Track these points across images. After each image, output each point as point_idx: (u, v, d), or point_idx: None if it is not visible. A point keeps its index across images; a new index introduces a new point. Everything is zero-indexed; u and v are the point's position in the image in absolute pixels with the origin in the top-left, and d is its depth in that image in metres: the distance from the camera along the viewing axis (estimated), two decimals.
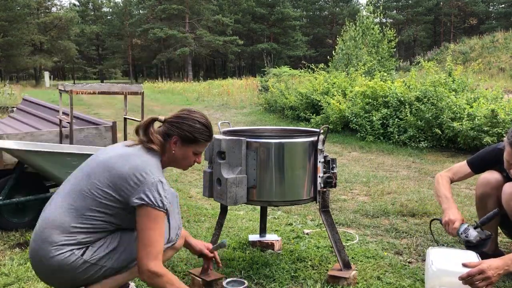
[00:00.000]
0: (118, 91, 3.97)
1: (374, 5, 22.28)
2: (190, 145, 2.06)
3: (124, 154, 1.96)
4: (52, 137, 3.84)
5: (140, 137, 2.05)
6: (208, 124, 2.11)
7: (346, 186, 5.06)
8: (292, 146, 2.54)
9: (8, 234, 3.42)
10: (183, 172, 5.90)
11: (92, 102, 19.06)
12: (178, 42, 50.99)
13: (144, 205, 1.84)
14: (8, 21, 43.37)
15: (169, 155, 2.06)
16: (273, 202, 2.62)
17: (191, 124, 2.05)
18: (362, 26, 16.39)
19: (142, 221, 1.85)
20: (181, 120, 2.05)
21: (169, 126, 2.05)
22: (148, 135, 2.03)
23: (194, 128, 2.05)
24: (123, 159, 1.92)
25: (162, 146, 2.04)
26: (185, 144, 2.05)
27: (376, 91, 8.89)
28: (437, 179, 2.88)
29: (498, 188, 2.66)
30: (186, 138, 2.04)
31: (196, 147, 2.08)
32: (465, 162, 2.89)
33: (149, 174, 1.88)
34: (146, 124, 2.05)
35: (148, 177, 1.87)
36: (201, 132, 2.07)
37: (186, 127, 2.04)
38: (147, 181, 1.86)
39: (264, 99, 14.10)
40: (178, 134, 2.04)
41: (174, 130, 2.04)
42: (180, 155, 2.07)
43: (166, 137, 2.05)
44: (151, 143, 2.01)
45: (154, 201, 1.84)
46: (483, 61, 25.14)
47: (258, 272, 2.73)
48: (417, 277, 2.69)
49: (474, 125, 6.86)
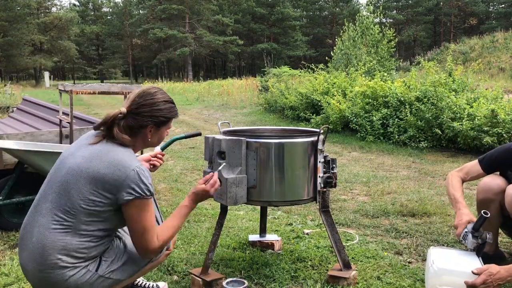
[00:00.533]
0: (118, 91, 3.97)
1: (374, 5, 22.29)
2: (164, 126, 2.02)
3: (93, 154, 1.85)
4: (52, 137, 3.84)
5: (104, 132, 1.93)
6: (171, 99, 2.05)
7: (346, 186, 5.06)
8: (292, 146, 2.54)
9: (8, 234, 3.42)
10: (183, 172, 5.90)
11: (92, 102, 19.08)
12: (178, 42, 51.01)
13: (132, 199, 1.80)
14: (8, 21, 43.42)
15: (144, 143, 1.99)
16: (273, 202, 2.62)
17: (160, 107, 1.96)
18: (361, 26, 16.38)
19: (134, 213, 1.83)
20: (149, 107, 1.94)
21: (138, 118, 1.92)
22: (114, 136, 1.89)
23: (165, 110, 1.98)
24: (96, 160, 1.83)
25: (132, 138, 1.93)
26: (160, 128, 2.00)
27: (376, 91, 8.89)
28: (448, 179, 2.81)
29: (499, 193, 2.63)
30: (160, 122, 1.98)
31: (169, 124, 2.04)
32: (477, 161, 2.80)
33: (127, 166, 1.81)
34: (109, 124, 1.90)
35: (127, 170, 1.80)
36: (171, 110, 2.02)
37: (158, 113, 1.96)
38: (128, 174, 1.80)
39: (264, 99, 14.10)
40: (152, 122, 1.95)
41: (146, 120, 1.93)
42: (155, 140, 2.03)
43: (137, 129, 1.93)
44: (117, 137, 1.90)
45: (142, 192, 1.81)
46: (483, 61, 25.14)
47: (258, 272, 2.73)
48: (417, 277, 2.69)
49: (474, 125, 6.86)
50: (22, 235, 1.89)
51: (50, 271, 1.79)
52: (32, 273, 1.83)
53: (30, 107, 5.33)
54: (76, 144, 1.98)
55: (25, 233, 1.87)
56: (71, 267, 1.80)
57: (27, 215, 1.91)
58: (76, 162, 1.85)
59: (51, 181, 1.90)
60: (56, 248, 1.78)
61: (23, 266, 1.87)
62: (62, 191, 1.83)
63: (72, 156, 1.89)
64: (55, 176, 1.90)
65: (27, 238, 1.85)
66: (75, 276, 1.81)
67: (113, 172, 1.80)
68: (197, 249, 3.12)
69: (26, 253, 1.84)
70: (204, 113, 14.75)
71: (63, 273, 1.79)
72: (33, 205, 1.91)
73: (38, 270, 1.80)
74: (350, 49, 15.59)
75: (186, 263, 2.88)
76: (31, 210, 1.91)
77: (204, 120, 12.75)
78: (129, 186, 1.79)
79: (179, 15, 52.12)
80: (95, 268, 1.85)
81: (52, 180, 1.90)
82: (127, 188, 1.79)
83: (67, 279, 1.80)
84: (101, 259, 1.88)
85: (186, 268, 2.79)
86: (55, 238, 1.79)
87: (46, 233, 1.80)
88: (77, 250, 1.80)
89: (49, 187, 1.89)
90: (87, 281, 1.83)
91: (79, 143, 1.96)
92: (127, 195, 1.79)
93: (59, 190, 1.84)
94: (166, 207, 4.23)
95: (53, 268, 1.79)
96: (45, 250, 1.78)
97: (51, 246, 1.78)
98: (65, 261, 1.79)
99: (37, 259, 1.80)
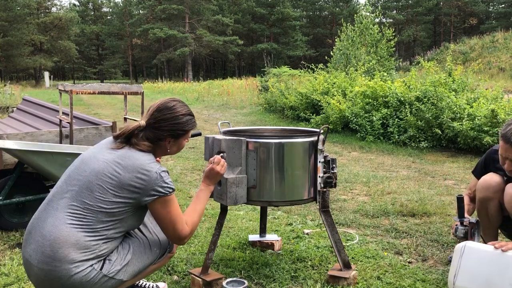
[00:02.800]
0: (118, 91, 3.97)
1: (373, 5, 22.28)
2: (183, 136, 2.10)
3: (117, 159, 1.91)
4: (52, 137, 3.84)
5: (123, 142, 2.00)
6: (190, 111, 2.12)
7: (346, 186, 5.06)
8: (292, 146, 2.54)
9: (8, 234, 3.42)
10: (183, 172, 5.90)
11: (92, 102, 19.07)
12: (178, 42, 51.00)
13: (156, 198, 1.91)
14: (8, 21, 43.40)
15: (163, 152, 2.09)
16: (273, 202, 2.62)
17: (178, 122, 2.04)
18: (360, 27, 16.36)
19: (159, 211, 1.95)
20: (167, 122, 2.02)
21: (156, 131, 2.01)
22: (134, 142, 1.97)
23: (182, 123, 2.06)
24: (120, 165, 1.89)
25: (151, 149, 2.02)
26: (178, 139, 2.09)
27: (376, 91, 8.89)
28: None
29: (499, 191, 2.64)
30: (178, 135, 2.07)
31: (187, 134, 2.13)
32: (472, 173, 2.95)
33: (150, 170, 1.90)
34: (128, 135, 1.99)
35: (150, 173, 1.90)
36: (189, 123, 2.10)
37: (175, 126, 2.04)
38: (152, 177, 1.89)
39: (264, 99, 14.09)
40: (169, 135, 2.04)
41: (164, 133, 2.02)
42: (175, 149, 2.12)
43: (156, 141, 2.02)
44: (137, 146, 1.98)
45: (165, 191, 1.92)
46: (483, 61, 25.15)
47: (258, 272, 2.73)
48: (417, 277, 2.69)
49: (474, 125, 6.86)
50: (30, 229, 1.92)
51: (58, 265, 1.80)
52: (37, 267, 1.83)
53: (30, 107, 5.33)
54: (97, 148, 2.04)
55: (35, 227, 1.90)
56: (78, 264, 1.81)
57: (38, 211, 1.95)
58: (100, 165, 1.91)
59: (70, 179, 1.94)
60: (68, 242, 1.81)
61: (27, 260, 1.87)
62: (84, 190, 1.87)
63: (96, 159, 1.95)
64: (75, 174, 1.94)
65: (36, 231, 1.87)
66: (81, 273, 1.82)
67: (137, 176, 1.89)
68: (197, 249, 3.13)
69: (34, 246, 1.85)
70: (204, 113, 14.74)
71: (70, 268, 1.80)
72: (46, 201, 1.95)
73: (45, 263, 1.81)
74: (349, 49, 15.57)
75: (186, 263, 2.89)
76: (43, 206, 1.95)
77: (204, 120, 12.75)
78: (152, 189, 1.90)
79: (179, 15, 52.10)
80: (100, 267, 1.87)
81: (71, 178, 1.94)
82: (151, 191, 1.90)
83: (73, 275, 1.81)
84: (105, 259, 1.90)
85: (186, 268, 2.79)
86: (70, 232, 1.82)
87: (60, 227, 1.83)
88: (88, 247, 1.83)
89: (67, 184, 1.93)
90: (91, 280, 1.84)
91: (100, 147, 2.04)
92: (150, 197, 1.90)
93: (80, 188, 1.88)
94: None
95: (61, 262, 1.80)
96: (57, 242, 1.81)
97: (64, 240, 1.81)
98: (74, 256, 1.80)
99: (46, 251, 1.81)
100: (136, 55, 62.12)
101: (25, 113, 5.22)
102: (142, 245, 2.04)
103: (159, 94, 25.07)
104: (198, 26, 52.11)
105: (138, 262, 2.01)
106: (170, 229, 1.99)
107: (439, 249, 3.17)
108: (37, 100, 5.45)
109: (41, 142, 3.58)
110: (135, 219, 1.96)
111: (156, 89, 29.29)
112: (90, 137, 3.86)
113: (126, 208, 1.89)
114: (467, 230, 2.51)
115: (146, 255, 2.04)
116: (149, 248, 2.07)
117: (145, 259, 2.04)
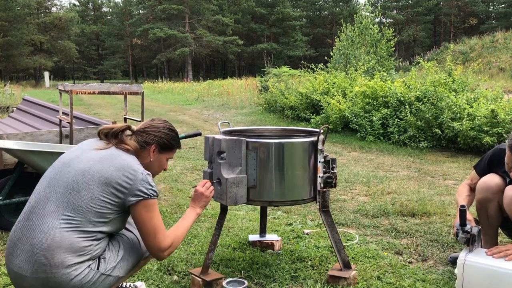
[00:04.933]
0: (118, 91, 3.97)
1: (373, 5, 22.27)
2: (166, 152, 2.17)
3: (103, 158, 1.93)
4: (52, 137, 3.84)
5: (110, 140, 2.04)
6: (176, 131, 2.25)
7: (346, 186, 5.06)
8: (292, 146, 2.54)
9: (8, 234, 3.41)
10: (183, 172, 5.90)
11: (92, 102, 19.08)
12: (178, 42, 51.00)
13: (140, 200, 1.91)
14: (8, 21, 43.38)
15: (145, 162, 2.09)
16: (273, 202, 2.62)
17: (167, 132, 2.15)
18: (360, 26, 16.36)
19: (142, 214, 1.93)
20: (157, 128, 2.13)
21: (145, 135, 2.10)
22: (122, 140, 2.03)
23: (170, 136, 2.17)
24: (107, 164, 1.91)
25: (136, 152, 2.05)
26: (162, 152, 2.15)
27: (376, 91, 8.89)
28: (459, 188, 2.98)
29: (498, 192, 2.64)
30: (164, 145, 2.14)
31: (170, 153, 2.21)
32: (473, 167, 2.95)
33: (137, 170, 1.93)
34: (119, 131, 2.05)
35: (137, 173, 1.92)
36: (175, 140, 2.20)
37: (164, 135, 2.14)
38: (137, 178, 1.91)
39: (264, 99, 14.09)
40: (156, 142, 2.11)
41: (152, 138, 2.10)
42: (156, 162, 2.16)
43: (143, 145, 2.08)
44: (124, 145, 2.02)
45: (149, 193, 1.93)
46: (483, 61, 25.15)
47: (258, 272, 2.74)
48: (417, 277, 2.69)
49: (474, 125, 6.86)
50: (15, 241, 1.86)
51: (56, 271, 1.78)
52: (31, 277, 1.80)
53: (30, 107, 5.33)
54: (79, 149, 2.03)
55: (20, 238, 1.85)
56: (76, 266, 1.81)
57: (20, 221, 1.89)
58: (86, 164, 1.91)
59: (52, 183, 1.91)
60: (62, 247, 1.79)
61: (17, 272, 1.82)
62: (70, 190, 1.86)
63: (79, 159, 1.95)
64: (58, 177, 1.91)
65: (23, 242, 1.83)
66: (80, 275, 1.82)
67: (125, 175, 1.90)
68: (197, 249, 3.13)
69: (23, 257, 1.81)
70: (204, 113, 14.75)
71: (69, 272, 1.80)
72: (28, 209, 1.89)
73: (41, 271, 1.78)
74: (349, 49, 15.57)
75: (186, 263, 2.89)
76: (25, 215, 1.89)
77: (204, 120, 12.75)
78: (137, 189, 1.91)
79: (179, 15, 52.10)
80: (96, 266, 1.88)
81: (54, 181, 1.91)
82: (136, 191, 1.90)
83: (72, 278, 1.81)
84: (99, 258, 1.92)
85: (186, 268, 2.80)
86: (62, 236, 1.79)
87: (51, 233, 1.80)
88: (82, 248, 1.83)
89: (50, 188, 1.89)
90: (90, 280, 1.86)
91: (82, 148, 2.03)
92: (136, 196, 1.90)
93: (65, 189, 1.86)
94: (166, 207, 4.23)
95: (58, 268, 1.78)
96: (51, 249, 1.78)
97: (57, 245, 1.79)
98: (71, 259, 1.80)
99: (40, 260, 1.78)
100: (136, 55, 62.13)
101: (25, 113, 5.22)
102: (131, 240, 2.08)
103: (159, 94, 25.09)
104: (198, 26, 52.11)
105: (130, 257, 2.04)
106: (151, 236, 1.96)
107: (439, 249, 3.17)
108: (37, 100, 5.45)
109: (41, 142, 3.58)
110: (121, 220, 1.97)
111: (156, 89, 29.29)
112: (90, 137, 3.83)
113: (112, 209, 1.89)
114: (468, 238, 2.49)
115: (136, 249, 2.08)
116: (138, 242, 2.10)
117: (135, 253, 2.07)
